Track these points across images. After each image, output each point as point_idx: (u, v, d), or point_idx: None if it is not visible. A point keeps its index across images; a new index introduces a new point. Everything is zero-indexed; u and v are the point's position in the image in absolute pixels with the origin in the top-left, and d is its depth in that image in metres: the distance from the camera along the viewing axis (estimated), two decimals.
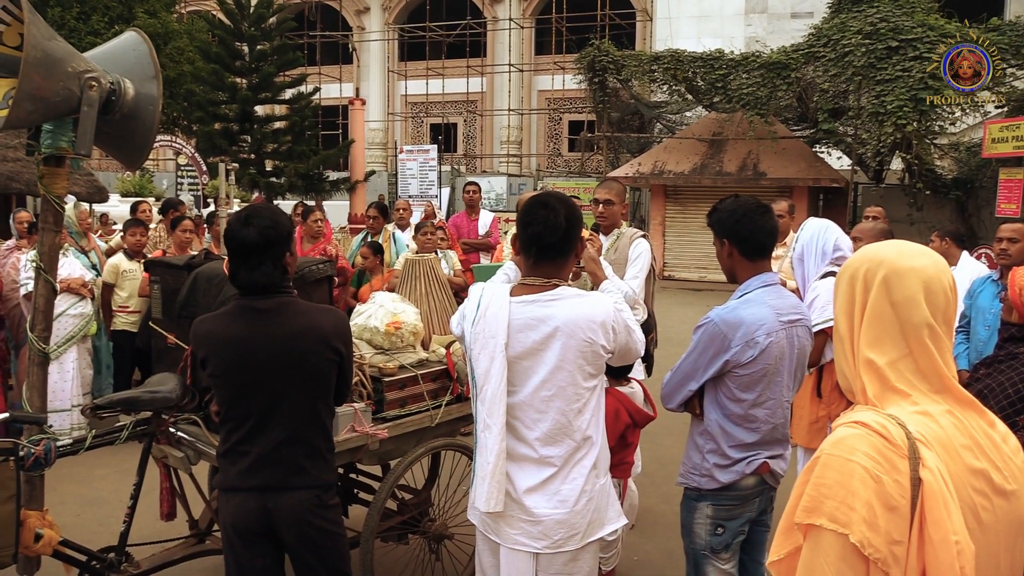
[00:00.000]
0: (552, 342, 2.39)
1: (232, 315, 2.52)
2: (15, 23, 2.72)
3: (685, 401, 2.76)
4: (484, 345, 2.41)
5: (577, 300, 2.43)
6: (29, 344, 2.93)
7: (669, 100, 17.35)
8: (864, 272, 1.44)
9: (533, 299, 2.43)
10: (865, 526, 1.26)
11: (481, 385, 2.43)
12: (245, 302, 2.50)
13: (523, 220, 2.48)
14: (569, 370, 2.39)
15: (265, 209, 2.57)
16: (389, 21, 29.17)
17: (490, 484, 2.41)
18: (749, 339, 2.58)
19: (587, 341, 2.38)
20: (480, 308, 2.45)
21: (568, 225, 2.46)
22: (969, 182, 15.74)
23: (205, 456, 3.24)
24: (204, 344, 2.50)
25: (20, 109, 2.52)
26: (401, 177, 21.00)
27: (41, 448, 2.88)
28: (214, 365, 2.48)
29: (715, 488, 2.71)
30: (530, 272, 2.50)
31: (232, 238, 2.45)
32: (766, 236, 2.71)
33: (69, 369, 5.75)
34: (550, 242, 2.44)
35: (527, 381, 2.43)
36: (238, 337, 2.46)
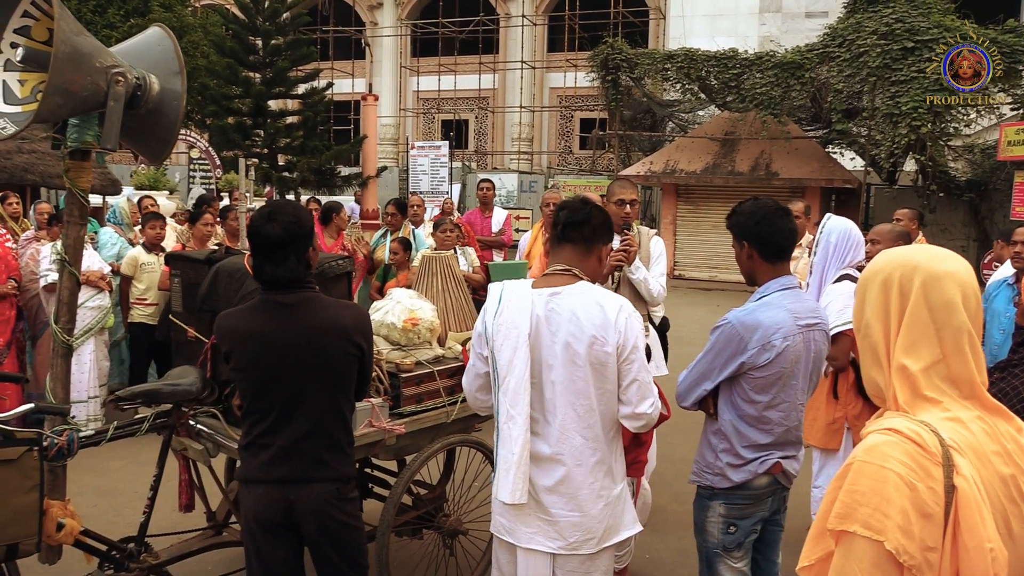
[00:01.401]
0: (569, 336, 2.40)
1: (256, 310, 2.55)
2: (44, 18, 2.75)
3: (699, 400, 2.78)
4: (507, 336, 2.43)
5: (596, 296, 2.44)
6: (53, 336, 2.97)
7: (682, 99, 17.30)
8: (899, 277, 1.44)
9: (554, 291, 2.45)
10: (900, 533, 1.27)
11: (503, 376, 2.44)
12: (269, 297, 2.53)
13: (559, 209, 2.57)
14: (578, 363, 2.40)
15: (288, 205, 2.60)
16: (402, 17, 29.20)
17: (515, 475, 2.43)
18: (766, 342, 2.59)
19: (596, 337, 2.39)
20: (502, 301, 2.48)
21: (597, 214, 2.51)
22: (983, 184, 15.67)
23: (224, 449, 3.28)
24: (228, 338, 2.53)
25: (49, 103, 2.55)
26: (412, 173, 21.02)
27: (64, 439, 2.92)
28: (238, 359, 2.52)
29: (727, 487, 2.73)
30: (553, 258, 2.53)
31: (256, 234, 2.48)
32: (786, 239, 2.72)
33: (86, 361, 5.79)
34: (574, 220, 2.49)
35: (545, 373, 2.45)
36: (262, 331, 2.50)
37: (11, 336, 5.79)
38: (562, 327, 2.40)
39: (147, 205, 7.22)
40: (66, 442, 2.92)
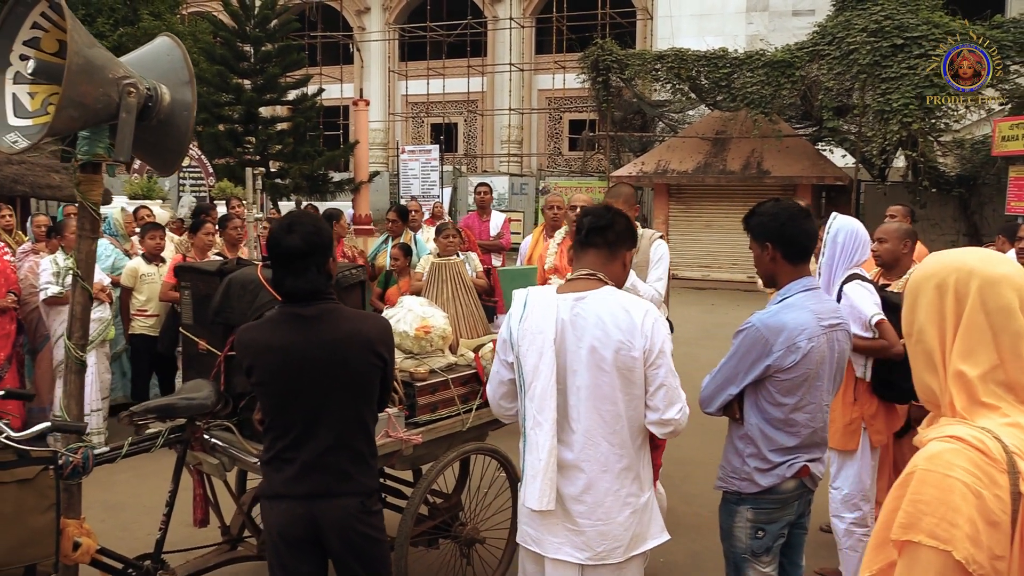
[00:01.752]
0: (595, 341, 2.39)
1: (277, 322, 2.51)
2: (54, 30, 2.71)
3: (724, 405, 2.77)
4: (532, 341, 2.41)
5: (621, 300, 2.43)
6: (66, 351, 2.93)
7: (672, 99, 17.34)
8: (954, 282, 1.42)
9: (577, 296, 2.44)
10: (969, 542, 1.25)
11: (530, 382, 2.42)
12: (290, 309, 2.50)
13: (581, 215, 2.56)
14: (605, 369, 2.39)
15: (307, 216, 2.57)
16: (390, 21, 29.14)
17: (542, 481, 2.41)
18: (791, 344, 2.58)
19: (623, 343, 2.38)
20: (527, 306, 2.46)
21: (621, 219, 2.50)
22: (972, 179, 15.76)
23: (240, 462, 3.24)
24: (249, 352, 2.49)
25: (63, 116, 2.51)
26: (403, 177, 20.98)
27: (79, 456, 2.87)
28: (260, 373, 2.48)
29: (755, 492, 2.71)
30: (577, 263, 2.52)
31: (276, 245, 2.45)
32: (810, 240, 2.72)
33: (88, 374, 5.71)
34: (598, 225, 2.48)
35: (570, 378, 2.43)
36: (283, 344, 2.46)
37: (11, 350, 5.73)
38: (588, 332, 2.39)
39: (144, 215, 7.15)
40: (81, 459, 2.87)
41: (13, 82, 2.72)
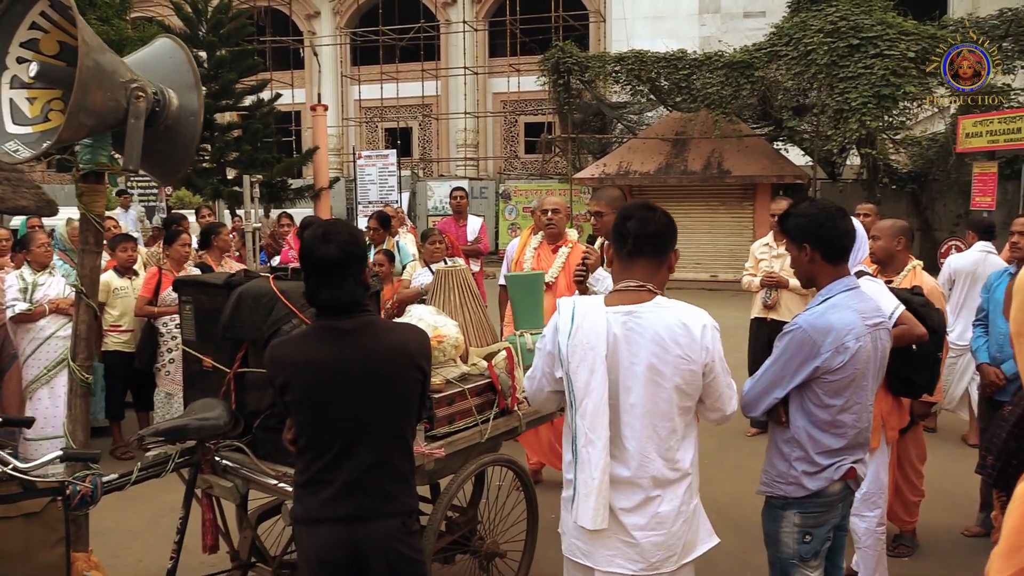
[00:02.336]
0: (650, 356, 2.32)
1: (313, 337, 2.37)
2: (54, 30, 2.54)
3: (769, 409, 2.72)
4: (583, 358, 2.33)
5: (675, 311, 2.36)
6: (70, 374, 2.74)
7: (631, 101, 17.43)
8: None
9: (629, 309, 2.35)
10: None
11: (581, 399, 2.34)
12: (327, 323, 2.36)
13: (622, 216, 2.44)
14: (664, 385, 2.33)
15: (342, 224, 2.44)
16: (340, 25, 28.74)
17: (596, 500, 2.33)
18: (839, 344, 2.55)
19: (683, 358, 2.32)
20: (576, 320, 2.36)
21: (666, 223, 2.41)
22: (923, 175, 16.18)
23: (255, 484, 3.08)
24: (284, 369, 2.35)
25: (74, 123, 2.34)
26: (360, 183, 20.68)
27: (87, 484, 2.69)
28: (296, 391, 2.34)
29: (803, 496, 2.67)
30: (624, 273, 2.42)
31: (311, 255, 2.31)
32: (848, 239, 2.69)
33: (60, 394, 5.44)
34: (647, 232, 2.38)
35: (623, 396, 2.36)
36: (321, 360, 2.33)
37: None
38: (644, 348, 2.32)
39: (110, 226, 6.86)
40: (90, 488, 2.69)
41: (10, 86, 2.54)
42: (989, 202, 8.96)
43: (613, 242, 2.49)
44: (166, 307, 5.68)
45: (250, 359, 3.13)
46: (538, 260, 5.39)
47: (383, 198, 20.71)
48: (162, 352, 5.72)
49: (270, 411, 3.03)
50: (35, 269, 5.51)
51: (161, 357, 5.72)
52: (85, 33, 2.30)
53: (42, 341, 5.42)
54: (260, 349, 3.03)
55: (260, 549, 3.53)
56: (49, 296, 5.46)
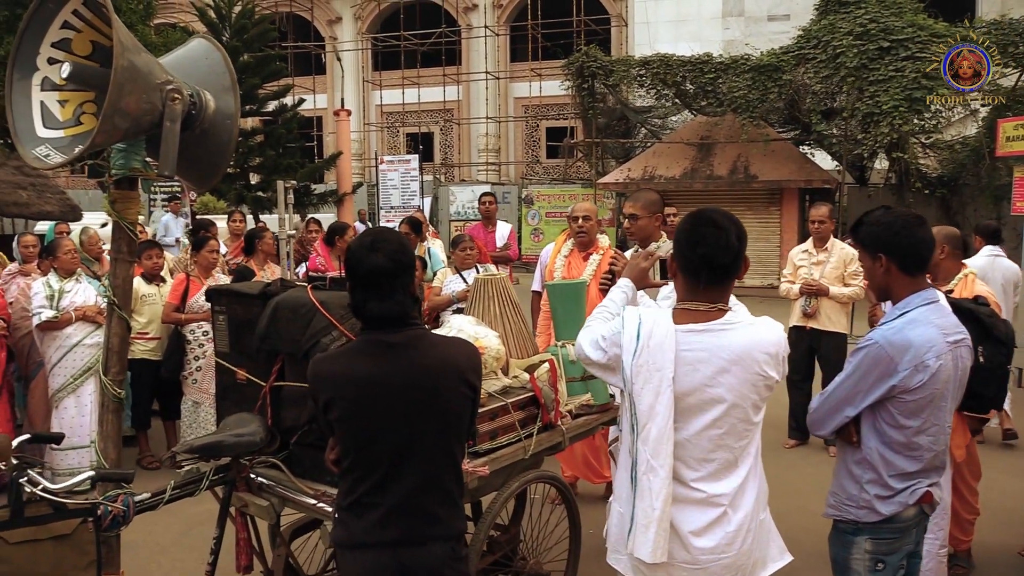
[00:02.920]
0: (727, 377, 2.18)
1: (359, 352, 2.23)
2: (87, 29, 2.42)
3: (839, 428, 2.56)
4: (648, 379, 2.18)
5: (752, 328, 2.22)
6: (102, 388, 2.63)
7: (656, 105, 17.24)
8: None
9: (703, 328, 2.20)
10: None
11: (644, 424, 2.20)
12: (374, 336, 2.22)
13: (689, 240, 2.25)
14: (743, 406, 2.20)
15: (390, 232, 2.30)
16: (362, 31, 28.78)
17: (656, 532, 2.19)
18: (918, 362, 2.38)
19: (761, 375, 2.19)
20: (641, 338, 2.21)
21: (739, 244, 2.24)
22: (953, 179, 15.86)
23: (292, 503, 2.95)
24: (329, 386, 2.21)
25: (109, 125, 2.22)
26: (382, 188, 20.64)
27: (119, 505, 2.57)
28: (342, 408, 2.20)
29: (875, 521, 2.50)
30: (695, 296, 2.27)
31: (359, 266, 2.17)
32: (927, 249, 2.51)
33: (87, 403, 5.37)
34: (722, 263, 2.22)
35: (693, 419, 2.22)
36: (369, 376, 2.18)
37: (2, 380, 5.35)
38: (720, 369, 2.18)
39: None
40: (121, 509, 2.58)
41: (41, 88, 2.43)
42: None
43: (679, 263, 2.32)
44: (193, 314, 5.59)
45: (287, 372, 3.00)
46: (569, 268, 5.23)
47: (405, 203, 20.66)
48: (189, 360, 5.63)
49: (308, 427, 2.90)
50: (62, 276, 5.44)
51: (188, 365, 5.63)
52: (120, 32, 2.18)
53: (69, 349, 5.35)
54: (297, 362, 2.91)
55: (295, 567, 3.41)
56: (76, 303, 5.38)
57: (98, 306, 5.48)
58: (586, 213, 5.12)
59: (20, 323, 5.56)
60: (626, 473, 2.32)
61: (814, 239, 6.19)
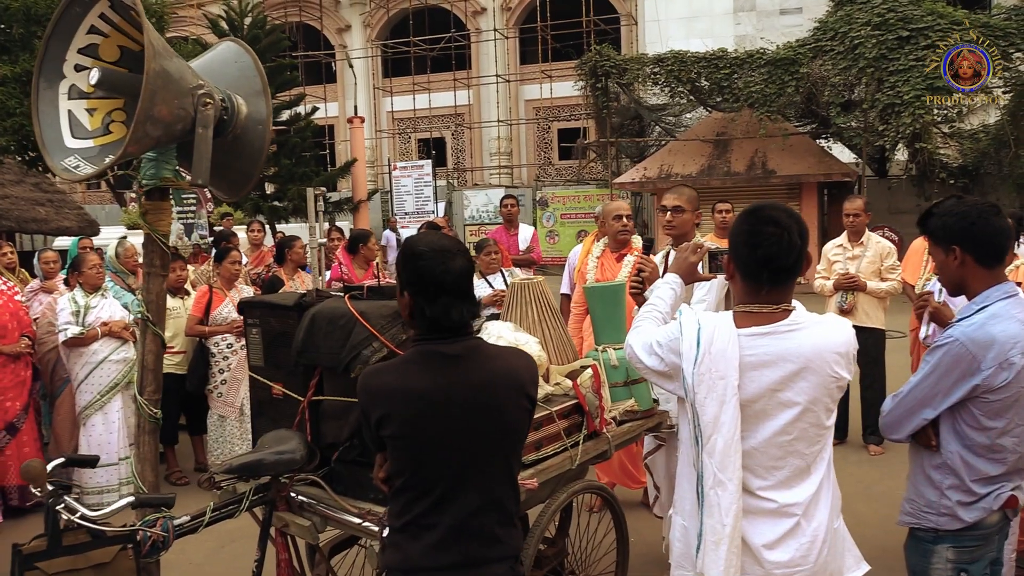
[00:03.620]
0: (797, 380, 2.04)
1: (414, 364, 2.10)
2: (114, 34, 2.32)
3: (917, 431, 2.42)
4: (711, 388, 2.05)
5: (820, 328, 2.09)
6: (139, 408, 2.52)
7: (670, 103, 17.08)
8: None
9: (767, 330, 2.07)
10: None
11: (709, 435, 2.06)
12: (430, 347, 2.08)
13: (749, 242, 2.10)
14: (815, 410, 2.07)
15: (440, 235, 2.18)
16: (371, 38, 28.76)
17: (728, 550, 2.05)
18: (1003, 360, 2.24)
19: (833, 376, 2.06)
20: (702, 345, 2.07)
21: (802, 242, 2.11)
22: (975, 169, 15.61)
23: (334, 522, 2.83)
24: (382, 400, 2.07)
25: (140, 133, 2.12)
26: (396, 194, 20.57)
27: (159, 530, 2.46)
28: (397, 425, 2.06)
29: (957, 528, 2.36)
30: (757, 299, 2.13)
31: (447, 272, 2.03)
32: (1005, 239, 2.37)
33: (114, 420, 5.29)
34: (785, 264, 2.08)
35: (761, 426, 2.08)
36: (426, 389, 2.05)
37: (28, 398, 5.28)
38: (792, 373, 2.04)
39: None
40: (161, 535, 2.46)
41: (68, 97, 2.32)
42: None
43: (738, 265, 2.18)
44: (217, 326, 5.50)
45: (325, 386, 2.89)
46: (602, 269, 5.11)
47: (419, 209, 20.59)
48: (214, 373, 5.54)
49: (349, 442, 2.79)
50: (87, 291, 5.36)
51: (213, 378, 5.54)
52: (151, 35, 2.07)
53: (95, 365, 5.27)
54: (337, 375, 2.80)
55: None
56: (102, 319, 5.30)
57: (124, 321, 5.40)
58: (628, 212, 5.01)
59: (46, 338, 5.49)
60: (691, 487, 2.18)
61: (848, 233, 6.03)
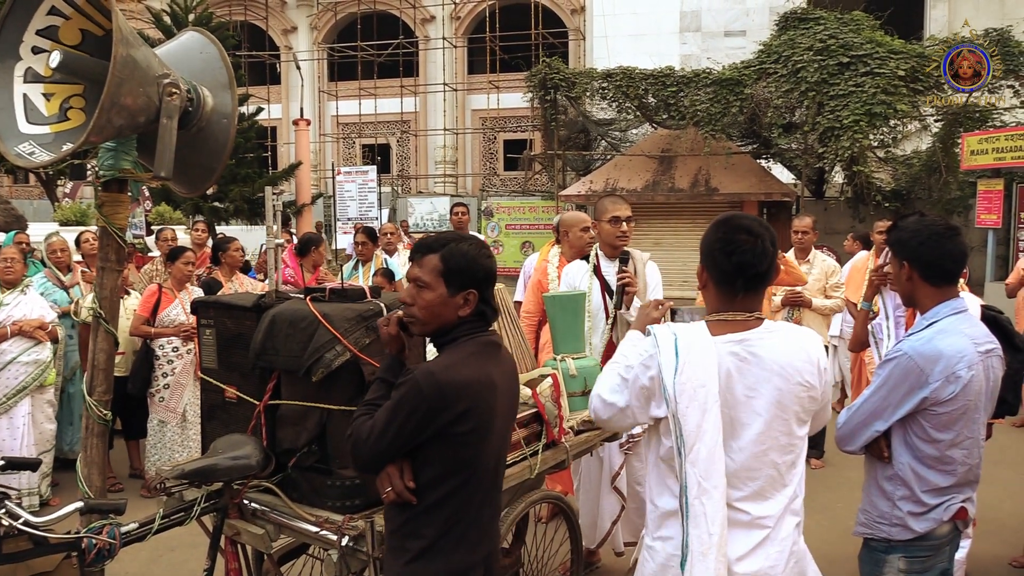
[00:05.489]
0: (769, 388, 2.06)
1: (478, 354, 2.12)
2: (76, 16, 2.22)
3: (868, 443, 2.48)
4: (692, 397, 2.05)
5: (792, 335, 2.12)
6: (87, 409, 2.41)
7: (617, 118, 17.29)
8: None
9: (742, 337, 2.09)
10: None
11: (691, 444, 2.05)
12: (485, 337, 2.16)
13: (724, 248, 2.12)
14: (785, 418, 2.08)
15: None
16: (318, 41, 28.42)
17: (716, 559, 2.04)
18: (950, 373, 2.32)
19: (804, 384, 2.08)
20: (680, 354, 2.08)
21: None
22: (906, 193, 16.23)
23: (288, 530, 2.75)
24: (468, 394, 2.02)
25: (104, 121, 2.03)
26: (339, 199, 20.27)
27: (105, 537, 2.35)
28: (478, 417, 2.04)
29: (909, 538, 2.43)
30: (731, 306, 2.15)
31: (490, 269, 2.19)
32: (953, 262, 2.45)
33: (19, 424, 5.05)
34: (759, 271, 2.10)
35: (736, 434, 2.09)
36: (494, 378, 2.10)
37: None
38: (762, 379, 2.06)
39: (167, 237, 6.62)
40: (108, 541, 2.36)
41: (24, 80, 2.22)
42: (995, 220, 8.89)
43: (712, 273, 2.20)
44: (164, 328, 5.31)
45: (283, 390, 2.81)
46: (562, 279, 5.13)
47: (363, 215, 20.34)
48: (157, 376, 5.35)
49: (307, 448, 2.72)
50: (4, 288, 5.12)
51: (156, 382, 5.35)
52: (120, 21, 1.99)
53: (2, 366, 5.02)
54: (296, 379, 2.73)
55: None
56: (13, 317, 5.05)
57: (41, 320, 5.16)
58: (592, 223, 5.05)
59: None
60: (672, 500, 2.15)
61: (796, 250, 6.17)
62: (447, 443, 2.02)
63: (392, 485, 2.04)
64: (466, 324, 2.13)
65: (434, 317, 2.12)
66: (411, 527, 2.07)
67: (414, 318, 2.15)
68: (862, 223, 15.12)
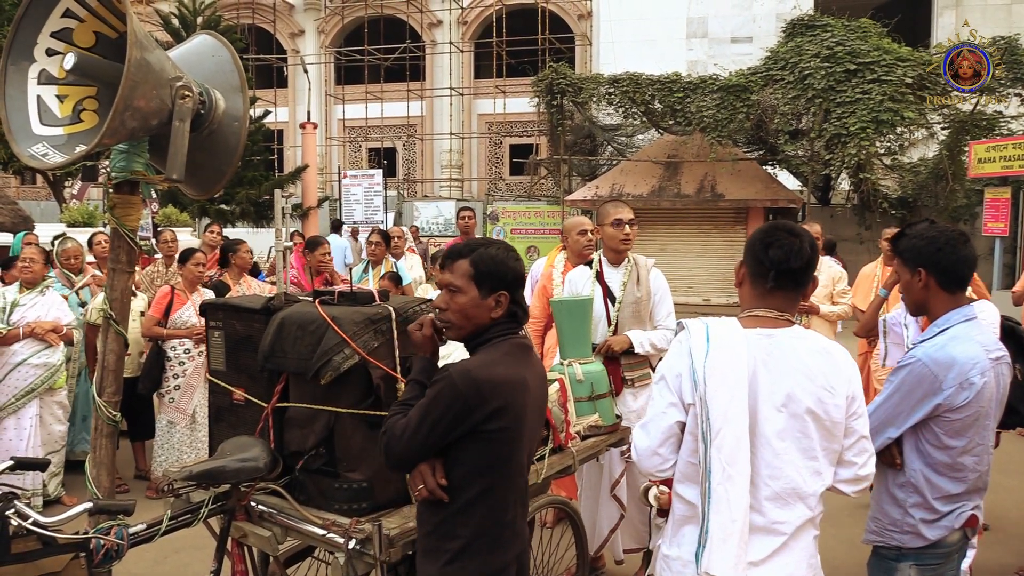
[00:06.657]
0: (789, 382, 2.04)
1: (511, 355, 2.15)
2: (90, 18, 2.24)
3: (880, 449, 2.46)
4: (723, 379, 2.02)
5: (821, 342, 2.10)
6: (97, 410, 2.41)
7: (624, 123, 17.31)
8: None
9: (771, 333, 2.08)
10: None
11: (718, 428, 2.02)
12: (517, 340, 2.18)
13: (763, 241, 2.14)
14: (807, 419, 2.05)
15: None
16: (325, 44, 28.49)
17: (737, 544, 2.00)
18: (963, 380, 2.31)
19: (828, 389, 2.05)
20: (711, 340, 2.08)
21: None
22: (912, 201, 16.21)
23: (295, 532, 2.75)
24: (502, 392, 2.05)
25: (117, 123, 2.04)
26: (345, 203, 20.32)
27: (113, 538, 2.36)
28: (511, 415, 2.07)
29: (920, 546, 2.42)
30: (759, 303, 2.15)
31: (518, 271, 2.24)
32: (968, 268, 2.45)
33: (27, 426, 5.07)
34: (793, 267, 2.10)
35: (762, 428, 2.07)
36: (527, 379, 2.14)
37: None
38: (786, 375, 2.05)
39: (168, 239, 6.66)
40: (116, 542, 2.36)
41: (38, 82, 2.23)
42: (1002, 228, 8.87)
43: (749, 265, 2.21)
44: (176, 330, 5.33)
45: (291, 392, 2.81)
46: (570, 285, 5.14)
47: (368, 218, 20.38)
48: (167, 377, 5.35)
49: (315, 451, 2.72)
50: (23, 288, 5.13)
51: (166, 383, 5.36)
52: (134, 24, 2.00)
53: (12, 367, 5.04)
54: (305, 382, 2.73)
55: None
56: (27, 319, 5.06)
57: (55, 323, 5.18)
58: (590, 227, 5.06)
59: None
60: (698, 487, 2.12)
61: None
62: (479, 441, 2.03)
63: (424, 482, 2.05)
64: (499, 325, 2.17)
65: (468, 320, 2.15)
66: (447, 528, 2.08)
67: (449, 323, 2.18)
68: (868, 230, 15.11)
